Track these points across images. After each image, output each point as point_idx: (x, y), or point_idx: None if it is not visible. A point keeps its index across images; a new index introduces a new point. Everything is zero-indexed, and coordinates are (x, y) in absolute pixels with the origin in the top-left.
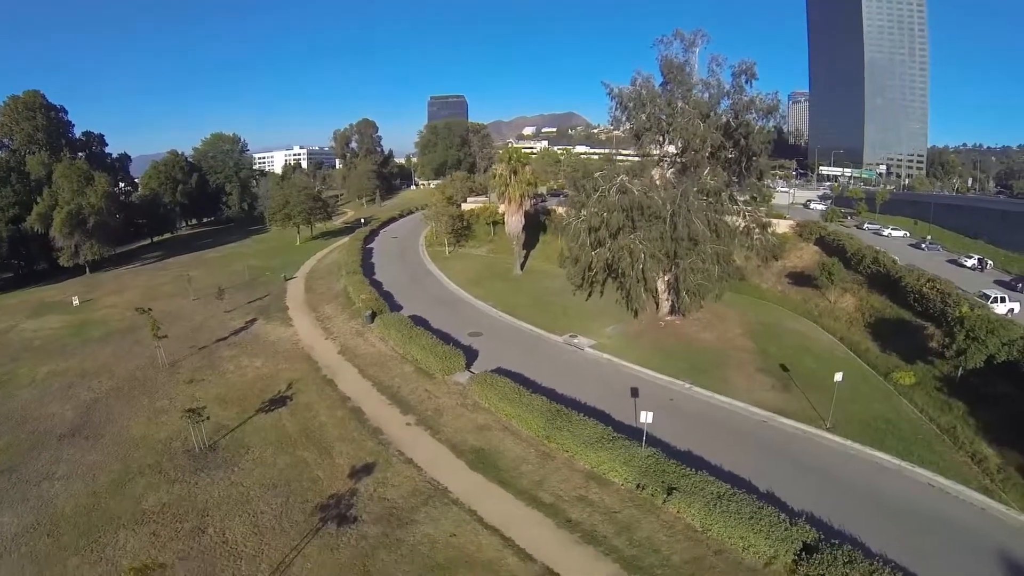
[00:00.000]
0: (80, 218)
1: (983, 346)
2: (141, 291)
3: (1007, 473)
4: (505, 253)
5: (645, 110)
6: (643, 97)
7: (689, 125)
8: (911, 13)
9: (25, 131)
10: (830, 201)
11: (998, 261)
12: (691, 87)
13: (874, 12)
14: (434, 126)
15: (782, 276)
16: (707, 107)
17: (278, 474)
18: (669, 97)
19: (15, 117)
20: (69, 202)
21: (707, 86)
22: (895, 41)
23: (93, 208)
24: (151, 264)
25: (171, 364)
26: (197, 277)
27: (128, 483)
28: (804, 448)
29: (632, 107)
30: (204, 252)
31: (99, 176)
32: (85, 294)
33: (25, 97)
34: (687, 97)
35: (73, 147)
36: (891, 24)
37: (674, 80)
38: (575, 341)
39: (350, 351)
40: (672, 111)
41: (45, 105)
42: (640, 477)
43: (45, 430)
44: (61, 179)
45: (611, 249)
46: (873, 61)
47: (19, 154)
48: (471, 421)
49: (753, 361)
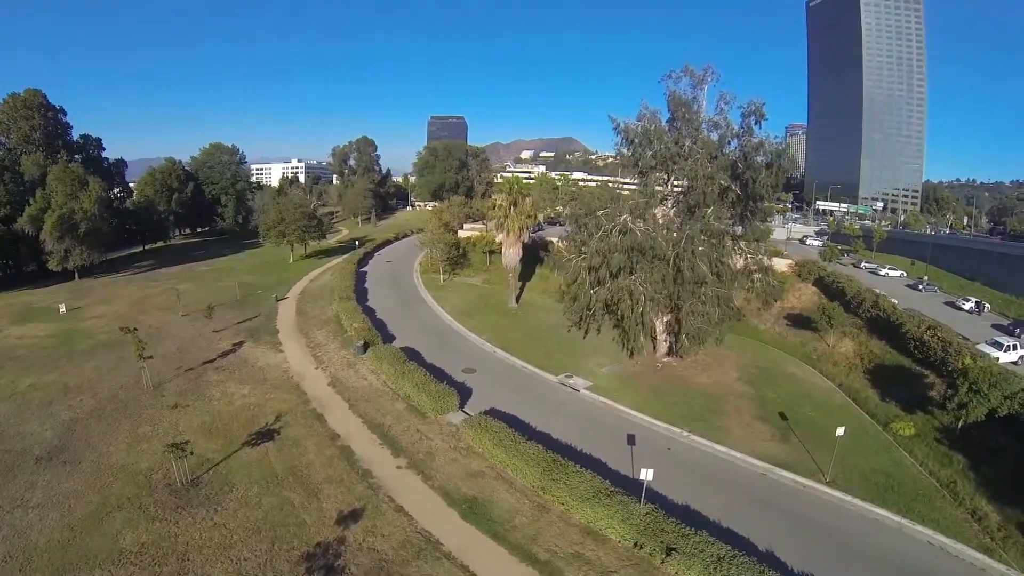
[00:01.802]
0: (72, 223)
1: (985, 399)
2: (130, 302)
3: (1007, 531)
4: (501, 284)
5: (652, 147)
6: (650, 133)
7: (697, 165)
8: (911, 51)
9: (22, 130)
10: (826, 237)
11: (996, 304)
12: (699, 126)
13: (874, 49)
14: (434, 147)
15: (780, 317)
16: (715, 147)
17: (263, 516)
18: (677, 135)
19: (13, 115)
20: (61, 206)
21: (715, 125)
22: (894, 78)
23: (86, 214)
24: (142, 273)
25: (156, 386)
26: (187, 291)
27: (106, 517)
28: (804, 503)
29: (638, 143)
30: (196, 264)
31: (94, 181)
32: (73, 302)
33: (25, 95)
34: (695, 136)
35: (70, 149)
36: (891, 61)
37: (681, 116)
38: (570, 382)
39: (341, 383)
40: (680, 149)
41: (44, 105)
42: (638, 535)
43: (21, 450)
44: (55, 182)
45: (611, 289)
46: (872, 97)
47: (14, 153)
48: (464, 467)
49: (751, 408)
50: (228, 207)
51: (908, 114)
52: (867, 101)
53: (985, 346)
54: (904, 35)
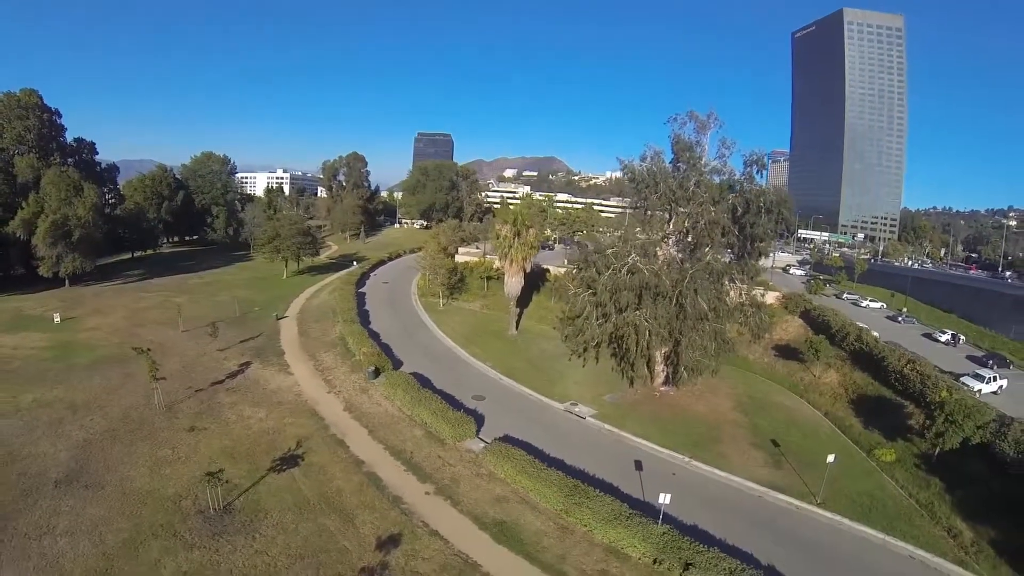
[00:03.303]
0: (65, 229)
1: (960, 429)
2: (125, 314)
3: (980, 546)
4: (498, 310)
5: (658, 189)
6: (656, 175)
7: (701, 208)
8: (892, 84)
9: (16, 130)
10: (809, 266)
11: (971, 336)
12: (703, 172)
13: (857, 81)
14: (424, 167)
15: (769, 348)
16: (718, 192)
17: (303, 543)
18: (682, 179)
19: (7, 115)
20: (55, 211)
21: (717, 171)
22: (876, 109)
23: (80, 220)
24: (132, 283)
25: (168, 407)
26: (183, 306)
27: (141, 545)
28: (799, 523)
29: (644, 185)
30: (187, 276)
31: (88, 187)
32: (66, 311)
33: (21, 95)
34: (700, 181)
35: (64, 152)
36: (872, 94)
37: (685, 159)
38: (576, 409)
39: (356, 409)
40: (684, 192)
41: (40, 106)
42: (657, 553)
43: (37, 472)
44: (49, 186)
45: (616, 323)
46: (854, 127)
47: (7, 154)
48: (489, 492)
49: (745, 435)
50: (219, 218)
51: (888, 145)
52: (849, 131)
53: (968, 378)
54: (886, 68)
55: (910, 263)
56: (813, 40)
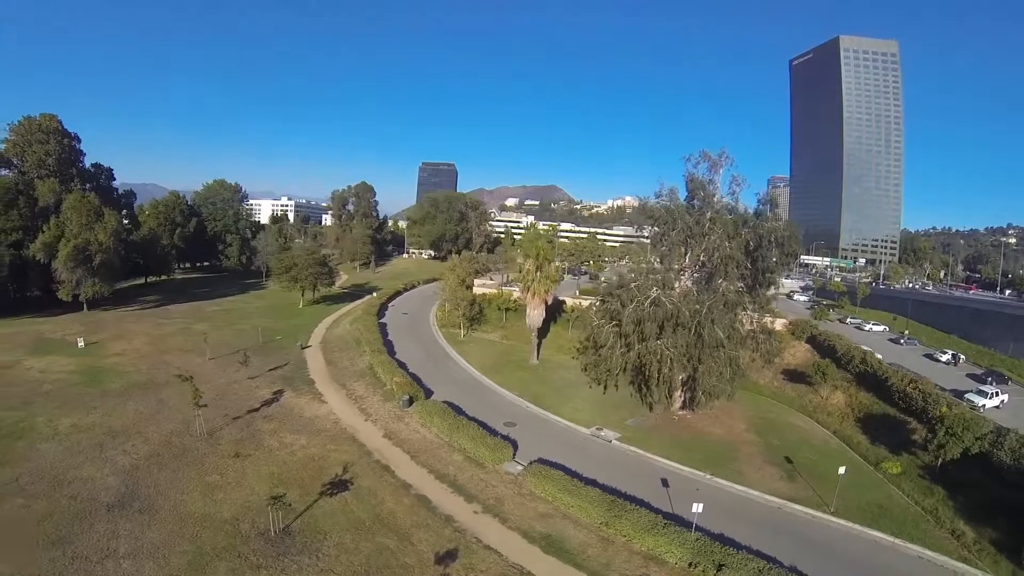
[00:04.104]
0: (86, 254)
1: (960, 441)
2: (148, 340)
3: (981, 545)
4: (517, 340)
5: (675, 226)
6: (673, 212)
7: (715, 244)
8: (888, 108)
9: (36, 155)
10: (812, 292)
11: (970, 355)
12: (717, 207)
13: (854, 106)
14: (434, 198)
15: (778, 373)
16: (733, 229)
17: (366, 560)
18: (697, 216)
19: (28, 139)
20: (76, 236)
21: (732, 209)
22: (873, 134)
23: (101, 246)
24: (150, 309)
25: (209, 433)
26: (202, 332)
27: (207, 566)
28: (815, 529)
29: (662, 222)
30: (203, 303)
31: (109, 213)
32: (88, 335)
33: (41, 120)
34: (714, 218)
35: (83, 177)
36: (869, 118)
37: (699, 196)
38: (602, 434)
39: (395, 436)
40: (700, 228)
41: (60, 131)
42: (692, 557)
43: (88, 496)
44: (70, 211)
45: (640, 352)
46: (852, 152)
47: (27, 177)
48: (532, 509)
49: (760, 453)
50: (233, 246)
51: (886, 168)
52: (847, 156)
53: (972, 394)
54: (882, 93)
55: (911, 285)
56: (810, 67)
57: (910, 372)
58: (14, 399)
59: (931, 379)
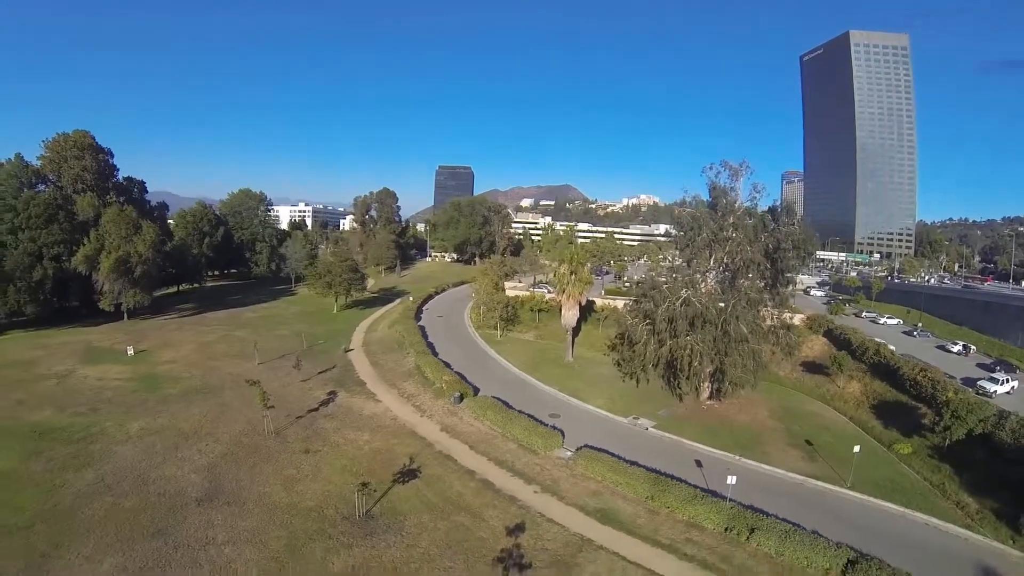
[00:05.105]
0: (128, 266)
1: (964, 423)
2: (194, 347)
3: (983, 514)
4: (551, 339)
5: (702, 232)
6: (699, 219)
7: (738, 248)
8: (900, 102)
9: (74, 170)
10: (828, 287)
11: (980, 346)
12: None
13: (866, 101)
14: (458, 203)
15: (797, 365)
16: (753, 234)
17: (446, 535)
18: (721, 222)
19: (64, 155)
20: (117, 248)
21: (751, 215)
22: (885, 127)
23: (141, 257)
24: (187, 317)
25: (276, 432)
26: (246, 339)
27: (303, 548)
28: (834, 501)
29: (689, 228)
30: (239, 310)
31: (147, 225)
32: (135, 343)
33: (75, 136)
34: (737, 225)
35: (117, 191)
36: (881, 112)
37: (720, 203)
38: (638, 422)
39: (452, 429)
40: (723, 233)
41: (94, 146)
42: (728, 522)
43: (175, 492)
44: (110, 224)
45: (672, 348)
46: (865, 146)
47: (65, 191)
48: (585, 488)
49: (783, 438)
50: (262, 254)
51: (900, 162)
52: (860, 150)
53: (985, 382)
54: (894, 87)
55: (927, 278)
56: (821, 62)
57: (920, 362)
58: (80, 406)
59: (942, 369)
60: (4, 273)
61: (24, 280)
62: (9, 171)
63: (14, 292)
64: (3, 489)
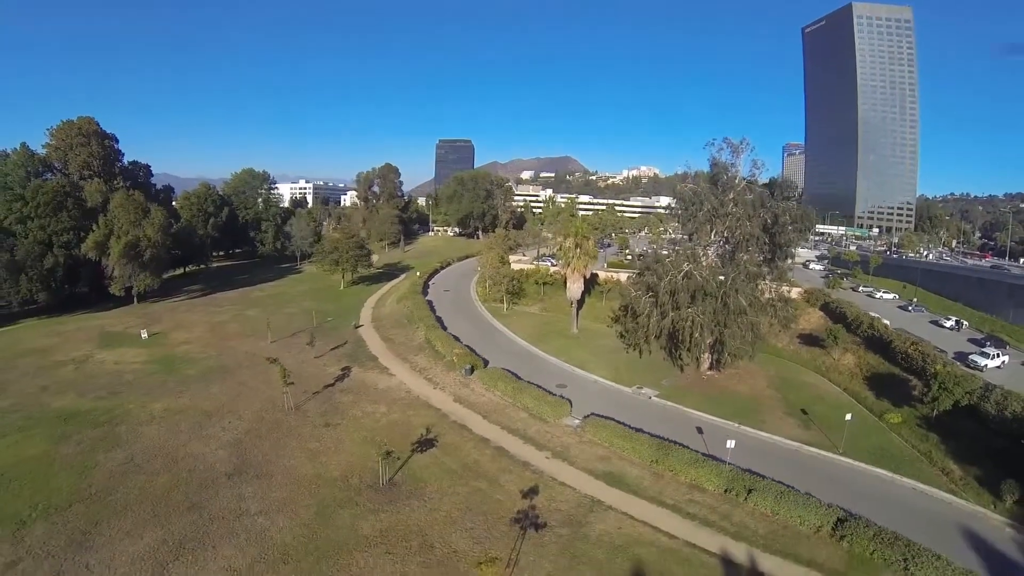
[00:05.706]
0: (137, 250)
1: (951, 394)
2: (207, 328)
3: (967, 481)
4: (556, 312)
5: (703, 207)
6: (700, 195)
7: (738, 224)
8: (903, 75)
9: (80, 157)
10: (827, 261)
11: (973, 322)
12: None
13: (868, 74)
14: (461, 177)
15: (794, 337)
16: (752, 209)
17: (465, 499)
18: (722, 197)
19: (70, 143)
20: (126, 233)
21: (751, 190)
22: (888, 101)
23: (150, 241)
24: (197, 298)
25: (295, 408)
26: (256, 318)
27: (332, 515)
28: (826, 466)
29: (691, 203)
30: (248, 289)
31: (156, 209)
32: (148, 327)
33: (80, 123)
34: (737, 200)
35: (124, 175)
36: (883, 85)
37: (721, 179)
38: (642, 392)
39: (464, 400)
40: (724, 208)
41: (99, 132)
42: (728, 484)
43: (204, 468)
44: (118, 209)
45: (674, 320)
46: (867, 119)
47: (72, 178)
48: (593, 453)
49: (779, 407)
50: (268, 232)
51: (902, 136)
52: (862, 123)
53: (976, 356)
54: (897, 60)
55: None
56: (823, 34)
57: (913, 336)
58: (100, 389)
59: (935, 344)
60: (16, 262)
61: (35, 268)
62: (16, 161)
63: (26, 281)
64: (38, 473)
